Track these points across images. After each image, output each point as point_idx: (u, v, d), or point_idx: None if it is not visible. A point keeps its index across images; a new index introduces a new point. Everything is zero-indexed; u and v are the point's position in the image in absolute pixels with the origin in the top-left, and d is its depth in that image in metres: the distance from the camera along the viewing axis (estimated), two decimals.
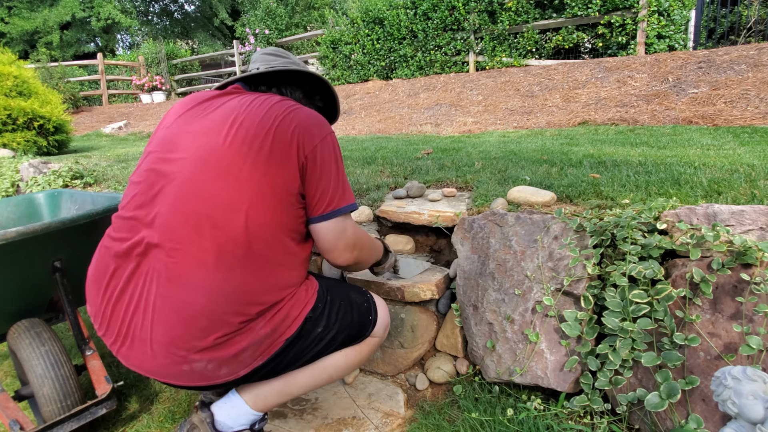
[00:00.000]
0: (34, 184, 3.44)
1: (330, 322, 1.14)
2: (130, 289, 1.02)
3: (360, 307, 1.23)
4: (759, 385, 0.92)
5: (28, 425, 1.31)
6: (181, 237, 0.98)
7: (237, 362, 1.01)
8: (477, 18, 6.55)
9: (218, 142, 1.02)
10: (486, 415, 1.35)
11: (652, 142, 2.78)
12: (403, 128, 5.13)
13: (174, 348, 0.97)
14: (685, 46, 5.92)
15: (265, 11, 10.68)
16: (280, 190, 1.02)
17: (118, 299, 1.03)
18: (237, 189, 0.99)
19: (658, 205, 1.32)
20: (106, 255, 1.07)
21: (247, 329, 1.00)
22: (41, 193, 2.08)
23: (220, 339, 0.98)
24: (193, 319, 0.96)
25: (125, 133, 7.96)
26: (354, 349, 1.23)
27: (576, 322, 1.29)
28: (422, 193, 2.06)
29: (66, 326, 2.29)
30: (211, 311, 0.97)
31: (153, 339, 0.98)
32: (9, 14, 15.92)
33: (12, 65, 5.55)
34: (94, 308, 1.07)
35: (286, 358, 1.09)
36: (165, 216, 1.00)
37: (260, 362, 1.04)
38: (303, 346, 1.11)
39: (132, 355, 1.02)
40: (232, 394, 1.16)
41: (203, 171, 1.01)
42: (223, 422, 1.13)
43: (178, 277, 0.97)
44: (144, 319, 0.99)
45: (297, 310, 1.07)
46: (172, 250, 0.98)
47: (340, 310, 1.17)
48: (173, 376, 1.01)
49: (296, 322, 1.07)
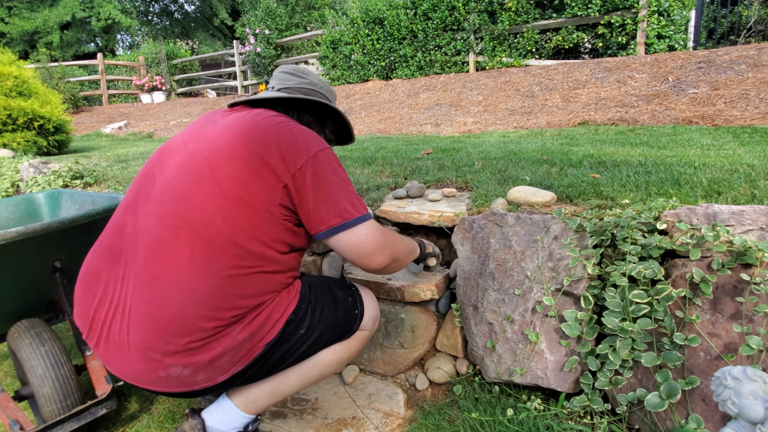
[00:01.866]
0: (34, 184, 3.44)
1: (314, 322, 1.12)
2: (109, 291, 1.02)
3: (345, 302, 1.21)
4: (759, 385, 0.92)
5: (28, 425, 1.31)
6: (158, 238, 0.99)
7: (214, 368, 1.00)
8: (477, 18, 6.55)
9: (201, 149, 1.05)
10: (486, 415, 1.35)
11: (652, 142, 2.78)
12: (403, 128, 5.13)
13: (149, 352, 0.97)
14: (685, 46, 5.92)
15: (265, 11, 10.68)
16: (259, 201, 1.01)
17: (100, 302, 1.03)
18: (216, 195, 1.00)
19: (658, 205, 1.32)
20: (93, 257, 1.10)
21: (223, 334, 0.98)
22: (41, 193, 2.09)
23: (194, 343, 0.96)
24: (165, 321, 0.96)
25: (125, 133, 7.96)
26: (343, 344, 1.21)
27: (576, 322, 1.29)
28: (422, 193, 2.06)
29: (66, 326, 2.29)
30: (183, 314, 0.95)
31: (130, 343, 0.98)
32: (9, 14, 15.91)
33: (12, 65, 5.54)
34: (79, 310, 1.08)
35: (268, 362, 1.07)
36: (145, 218, 1.03)
37: (239, 368, 1.02)
38: (286, 348, 1.08)
39: (113, 360, 1.02)
40: (222, 398, 1.15)
41: (183, 175, 1.03)
42: (214, 427, 1.12)
43: (153, 279, 0.97)
44: (122, 323, 0.99)
45: (278, 314, 1.05)
46: (149, 252, 0.99)
47: (324, 309, 1.15)
48: (151, 382, 1.00)
49: (277, 326, 1.04)
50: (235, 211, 0.99)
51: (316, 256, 1.90)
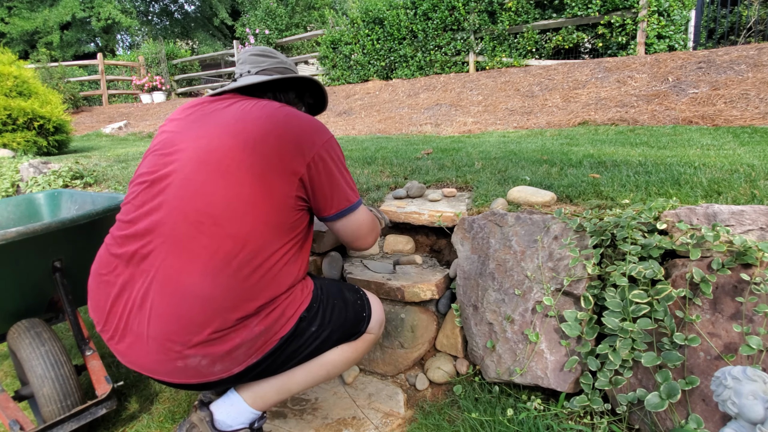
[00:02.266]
0: (34, 184, 3.44)
1: (324, 321, 1.15)
2: (129, 286, 1.03)
3: (354, 304, 1.24)
4: (759, 385, 0.92)
5: (28, 425, 1.31)
6: (181, 234, 1.00)
7: (231, 359, 1.02)
8: (477, 18, 6.55)
9: (219, 144, 1.05)
10: (486, 415, 1.35)
11: (652, 142, 2.78)
12: (403, 128, 5.13)
13: (170, 343, 0.98)
14: (685, 46, 5.92)
15: (265, 11, 10.68)
16: (278, 194, 1.05)
17: (117, 296, 1.04)
18: (237, 190, 1.02)
19: (658, 205, 1.32)
20: (108, 253, 1.10)
21: (242, 326, 1.01)
22: (41, 193, 2.08)
23: (216, 334, 0.99)
24: (190, 313, 0.97)
25: (125, 133, 7.96)
26: (350, 345, 1.24)
27: (576, 322, 1.29)
28: (422, 193, 2.06)
29: (66, 326, 2.29)
30: (208, 306, 0.98)
31: (149, 335, 0.99)
32: (9, 14, 15.91)
33: (12, 65, 5.54)
34: (94, 303, 1.09)
35: (281, 356, 1.10)
36: (166, 214, 1.03)
37: (254, 360, 1.05)
38: (298, 344, 1.11)
39: (128, 352, 1.03)
40: (231, 392, 1.16)
41: (202, 171, 1.04)
42: (222, 421, 1.13)
43: (178, 273, 0.99)
44: (141, 315, 1.00)
45: (292, 309, 1.08)
46: (172, 248, 1.00)
47: (334, 309, 1.18)
48: (168, 373, 1.01)
49: (291, 321, 1.08)
50: (258, 204, 1.02)
51: (316, 257, 1.90)
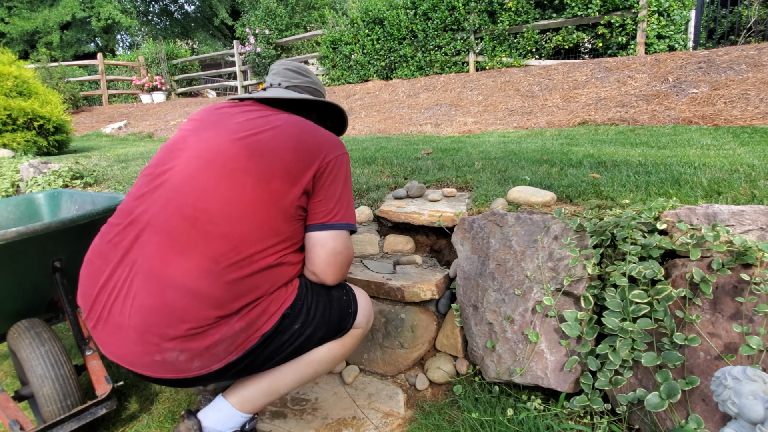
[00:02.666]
0: (34, 184, 3.44)
1: (308, 318, 1.14)
2: (116, 274, 1.04)
3: (339, 301, 1.23)
4: (759, 385, 0.92)
5: (28, 425, 1.31)
6: (174, 227, 1.01)
7: (210, 355, 1.01)
8: (477, 18, 6.55)
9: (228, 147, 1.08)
10: (486, 415, 1.35)
11: (652, 142, 2.78)
12: (403, 128, 5.13)
13: (148, 335, 0.98)
14: (685, 46, 5.92)
15: (265, 11, 10.68)
16: (281, 202, 1.06)
17: (104, 284, 1.04)
18: (239, 192, 1.03)
19: (658, 205, 1.32)
20: (101, 241, 1.11)
21: (223, 323, 1.00)
22: (41, 193, 2.08)
23: (195, 330, 0.98)
24: (171, 307, 0.97)
25: (125, 133, 7.96)
26: (338, 342, 1.23)
27: (576, 322, 1.29)
28: (422, 193, 2.06)
29: (66, 326, 2.29)
30: (189, 302, 0.97)
31: (129, 325, 0.99)
32: (9, 14, 15.90)
33: (12, 65, 5.54)
34: (83, 290, 1.09)
35: (262, 354, 1.08)
36: (161, 207, 1.04)
37: (234, 357, 1.03)
38: (280, 342, 1.10)
39: (109, 342, 1.03)
40: (218, 399, 1.16)
41: (207, 170, 1.05)
42: (211, 427, 1.12)
43: (165, 266, 0.99)
44: (124, 305, 1.00)
45: (275, 306, 1.07)
46: (163, 240, 1.01)
47: (318, 306, 1.17)
48: (145, 366, 1.01)
49: (273, 318, 1.07)
50: (258, 209, 1.03)
51: None
